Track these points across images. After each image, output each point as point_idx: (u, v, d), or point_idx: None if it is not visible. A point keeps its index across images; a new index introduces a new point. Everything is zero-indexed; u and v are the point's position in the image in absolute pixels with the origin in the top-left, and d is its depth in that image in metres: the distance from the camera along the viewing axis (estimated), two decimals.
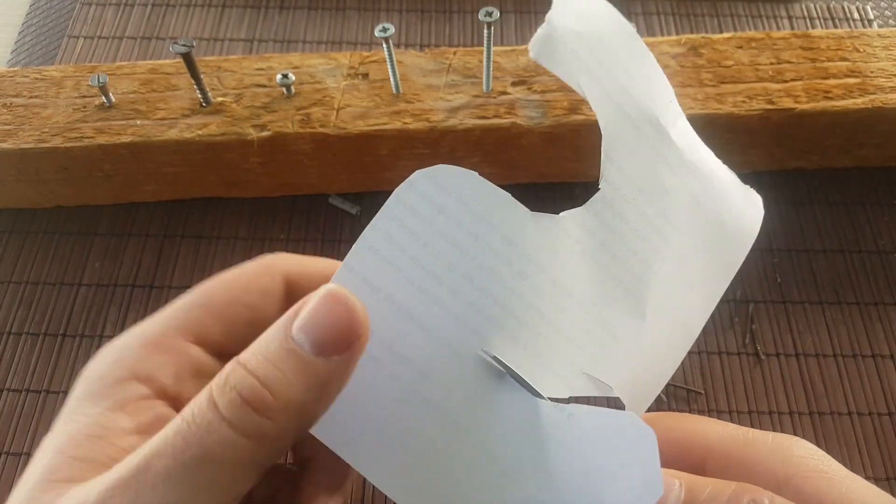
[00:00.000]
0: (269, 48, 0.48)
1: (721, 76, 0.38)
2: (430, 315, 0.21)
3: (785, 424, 0.35)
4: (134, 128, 0.36)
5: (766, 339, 0.37)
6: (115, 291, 0.38)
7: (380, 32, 0.34)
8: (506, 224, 0.21)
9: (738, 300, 0.38)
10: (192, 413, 0.18)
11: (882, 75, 0.38)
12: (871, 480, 0.33)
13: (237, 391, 0.18)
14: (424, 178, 0.20)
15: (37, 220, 0.41)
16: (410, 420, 0.21)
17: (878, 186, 0.42)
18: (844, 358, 0.37)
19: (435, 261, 0.21)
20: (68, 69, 0.39)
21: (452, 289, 0.21)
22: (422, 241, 0.21)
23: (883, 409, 0.35)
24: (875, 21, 0.49)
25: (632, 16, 0.49)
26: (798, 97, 0.37)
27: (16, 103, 0.37)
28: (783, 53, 0.39)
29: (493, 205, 0.21)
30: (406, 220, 0.20)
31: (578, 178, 0.41)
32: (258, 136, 0.36)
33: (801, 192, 0.42)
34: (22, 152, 0.36)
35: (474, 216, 0.21)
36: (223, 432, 0.17)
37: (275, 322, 0.19)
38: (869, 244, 0.40)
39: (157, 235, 0.40)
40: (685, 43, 0.39)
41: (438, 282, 0.21)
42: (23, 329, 0.37)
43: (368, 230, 0.20)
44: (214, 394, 0.18)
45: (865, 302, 0.38)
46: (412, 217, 0.20)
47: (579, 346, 0.22)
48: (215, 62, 0.39)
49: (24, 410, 0.35)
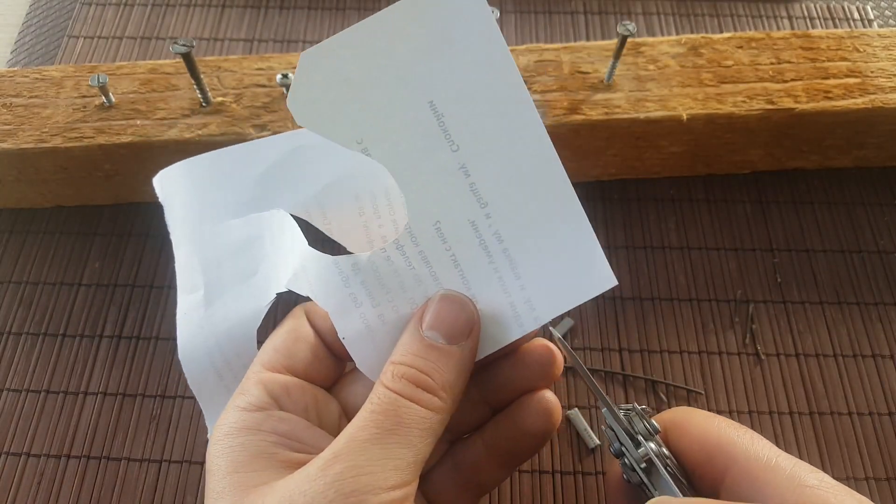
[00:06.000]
0: (269, 48, 0.48)
1: (721, 76, 0.38)
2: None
3: (785, 424, 0.35)
4: (134, 128, 0.36)
5: (766, 339, 0.37)
6: (115, 291, 0.38)
7: None
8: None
9: (739, 300, 0.38)
10: (375, 401, 0.23)
11: (882, 75, 0.38)
12: (871, 481, 0.33)
13: (406, 379, 0.23)
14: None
15: (37, 220, 0.41)
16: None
17: (878, 186, 0.42)
18: (845, 358, 0.37)
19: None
20: (68, 69, 0.39)
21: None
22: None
23: (883, 409, 0.35)
24: (875, 21, 0.49)
25: (632, 15, 0.49)
26: (798, 97, 0.37)
27: (16, 103, 0.37)
28: (783, 53, 0.39)
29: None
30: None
31: (578, 177, 0.41)
32: (258, 136, 0.36)
33: (801, 192, 0.42)
34: (22, 152, 0.36)
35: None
36: (408, 405, 0.23)
37: (406, 327, 0.25)
38: (869, 244, 0.40)
39: (157, 235, 0.40)
40: (685, 43, 0.39)
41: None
42: (23, 329, 0.37)
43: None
44: (388, 384, 0.23)
45: (865, 302, 0.38)
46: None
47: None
48: (215, 62, 0.39)
49: (24, 410, 0.35)
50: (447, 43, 0.23)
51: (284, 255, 0.27)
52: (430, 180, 0.25)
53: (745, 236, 0.40)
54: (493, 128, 0.24)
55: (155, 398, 0.35)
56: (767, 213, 0.41)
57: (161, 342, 0.37)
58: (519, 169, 0.24)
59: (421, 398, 0.23)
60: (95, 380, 0.36)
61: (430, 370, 0.23)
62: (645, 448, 0.23)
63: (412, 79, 0.24)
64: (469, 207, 0.25)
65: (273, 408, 0.24)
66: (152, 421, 0.35)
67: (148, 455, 0.34)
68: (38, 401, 0.35)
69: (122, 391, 0.35)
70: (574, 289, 0.25)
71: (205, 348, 0.27)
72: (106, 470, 0.33)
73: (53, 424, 0.35)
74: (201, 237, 0.28)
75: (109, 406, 0.35)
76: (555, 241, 0.25)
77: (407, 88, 0.24)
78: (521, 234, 0.25)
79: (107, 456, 0.34)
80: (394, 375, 0.23)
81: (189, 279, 0.28)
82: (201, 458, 0.34)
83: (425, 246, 0.25)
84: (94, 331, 0.37)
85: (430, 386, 0.23)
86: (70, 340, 0.37)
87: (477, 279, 0.25)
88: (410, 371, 0.23)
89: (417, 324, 0.25)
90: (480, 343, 0.25)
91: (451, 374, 0.24)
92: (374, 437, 0.22)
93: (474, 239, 0.25)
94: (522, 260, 0.25)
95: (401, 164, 0.25)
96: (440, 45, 0.23)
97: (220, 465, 0.23)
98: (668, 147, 0.39)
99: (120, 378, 0.36)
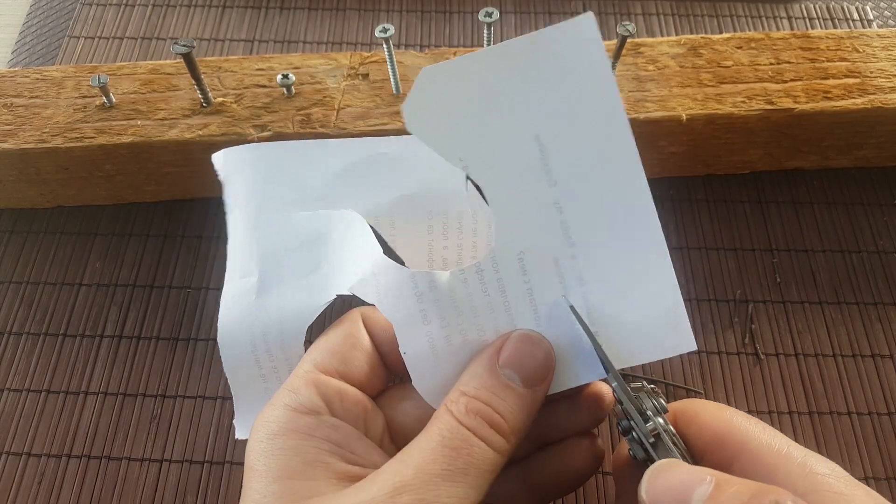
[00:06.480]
0: (270, 48, 0.48)
1: (721, 76, 0.38)
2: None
3: (784, 424, 0.35)
4: (134, 128, 0.36)
5: (765, 338, 0.37)
6: (115, 291, 0.38)
7: (380, 33, 0.34)
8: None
9: (738, 300, 0.38)
10: (447, 434, 0.22)
11: (881, 75, 0.38)
12: (871, 480, 0.33)
13: (480, 416, 0.23)
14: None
15: (37, 220, 0.41)
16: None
17: (878, 186, 0.42)
18: (844, 358, 0.37)
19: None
20: (69, 69, 0.39)
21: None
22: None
23: (882, 409, 0.35)
24: (874, 21, 0.49)
25: (632, 16, 0.49)
26: (797, 97, 0.37)
27: (16, 103, 0.37)
28: (783, 54, 0.39)
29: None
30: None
31: None
32: (258, 136, 0.36)
33: (800, 192, 0.42)
34: (23, 152, 0.36)
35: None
36: (480, 445, 0.22)
37: (478, 356, 0.24)
38: (868, 244, 0.40)
39: (157, 235, 0.40)
40: (685, 43, 0.39)
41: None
42: (23, 329, 0.37)
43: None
44: (461, 418, 0.22)
45: (865, 302, 0.38)
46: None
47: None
48: (216, 62, 0.39)
49: (24, 410, 0.35)
50: (562, 81, 0.24)
51: (353, 259, 0.27)
52: (523, 211, 0.25)
53: (744, 236, 0.40)
54: (593, 171, 0.24)
55: (155, 398, 0.35)
56: (767, 213, 0.41)
57: (161, 342, 0.37)
58: (614, 216, 0.24)
59: (493, 440, 0.22)
60: (96, 380, 0.36)
61: (504, 411, 0.23)
62: (653, 423, 0.23)
63: (523, 110, 0.24)
64: (556, 244, 0.25)
65: (325, 412, 0.24)
66: (152, 421, 0.35)
67: (148, 455, 0.34)
68: (39, 401, 0.35)
69: (122, 391, 0.36)
70: (650, 346, 0.25)
71: (249, 335, 0.27)
72: (106, 470, 0.33)
73: (54, 424, 0.35)
74: (263, 224, 0.28)
75: (110, 406, 0.35)
76: (638, 295, 0.25)
77: (517, 118, 0.24)
78: (604, 282, 0.25)
79: (107, 456, 0.34)
80: (467, 410, 0.23)
81: (242, 263, 0.28)
82: (201, 457, 0.34)
83: (505, 275, 0.25)
84: (94, 331, 0.37)
85: (503, 428, 0.23)
86: (71, 340, 0.37)
87: (550, 317, 0.25)
88: (485, 409, 0.23)
89: (494, 358, 0.24)
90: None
91: (521, 417, 0.23)
92: (446, 473, 0.21)
93: (555, 277, 0.25)
94: (600, 308, 0.25)
95: (498, 189, 0.25)
96: (555, 82, 0.24)
97: (269, 466, 0.22)
98: (668, 147, 0.39)
99: (120, 378, 0.36)
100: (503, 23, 0.48)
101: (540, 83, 0.24)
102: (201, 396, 0.35)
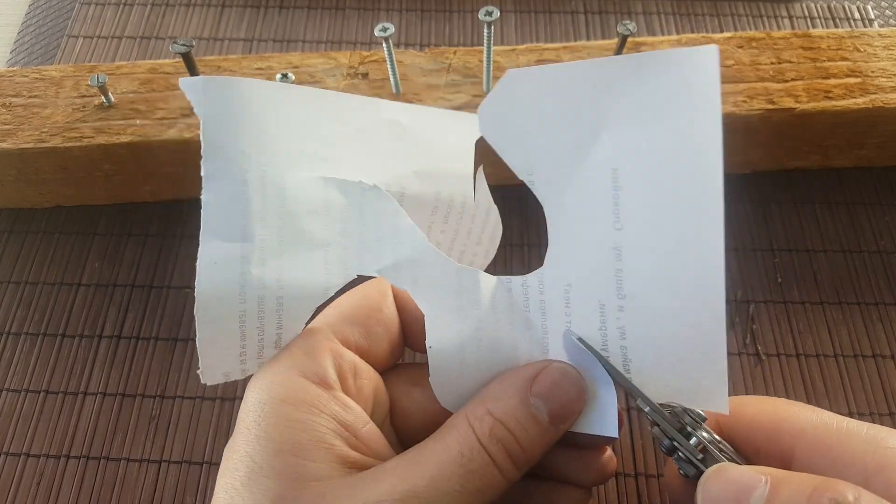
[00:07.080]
0: (269, 48, 0.48)
1: (722, 76, 0.38)
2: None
3: None
4: (133, 127, 0.36)
5: (766, 339, 0.37)
6: (114, 291, 0.38)
7: (380, 32, 0.34)
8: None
9: (739, 300, 0.38)
10: (467, 454, 0.22)
11: (883, 75, 0.38)
12: None
13: (502, 444, 0.22)
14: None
15: (36, 220, 0.41)
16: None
17: (879, 186, 0.42)
18: (845, 358, 0.36)
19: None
20: (68, 69, 0.39)
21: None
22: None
23: (884, 410, 0.35)
24: (876, 21, 0.49)
25: (632, 15, 0.49)
26: (799, 97, 0.37)
27: (15, 103, 0.37)
28: (784, 53, 0.39)
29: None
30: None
31: None
32: None
33: (801, 192, 0.42)
34: (21, 152, 0.36)
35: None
36: (495, 474, 0.22)
37: (510, 377, 0.23)
38: (870, 244, 0.40)
39: (157, 235, 0.40)
40: (685, 43, 0.39)
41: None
42: (22, 329, 0.37)
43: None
44: (484, 441, 0.22)
45: (866, 302, 0.38)
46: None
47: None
48: (215, 62, 0.39)
49: (22, 411, 0.35)
50: (660, 117, 0.21)
51: (384, 238, 0.24)
52: (580, 244, 0.22)
53: (745, 236, 0.40)
54: (667, 229, 0.21)
55: (154, 398, 0.35)
56: (768, 213, 0.41)
57: (161, 342, 0.37)
58: (676, 284, 0.21)
59: (508, 470, 0.22)
60: (95, 380, 0.36)
61: (525, 443, 0.22)
62: (696, 437, 0.22)
63: (607, 138, 0.21)
64: (606, 291, 0.22)
65: (337, 388, 0.22)
66: (152, 421, 0.35)
67: (147, 455, 0.34)
68: (38, 401, 0.35)
69: (121, 391, 0.35)
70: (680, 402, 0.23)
71: (238, 311, 0.23)
72: (105, 470, 0.33)
73: (53, 424, 0.35)
74: (260, 179, 0.24)
75: (109, 406, 0.35)
76: (680, 364, 0.22)
77: (598, 145, 0.21)
78: (647, 343, 0.22)
79: (106, 456, 0.34)
80: (491, 433, 0.22)
81: (228, 222, 0.23)
82: (201, 458, 0.34)
83: (549, 299, 0.23)
84: (93, 331, 0.37)
85: (519, 460, 0.22)
86: (69, 340, 0.37)
87: (583, 359, 0.23)
88: (508, 438, 0.22)
89: (527, 385, 0.23)
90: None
91: (538, 451, 0.23)
92: (458, 495, 0.21)
93: (597, 322, 0.23)
94: (636, 365, 0.23)
95: (560, 213, 0.23)
96: (651, 115, 0.21)
97: (271, 435, 0.21)
98: None
99: (119, 378, 0.36)
100: (503, 22, 0.48)
101: (633, 112, 0.21)
102: (200, 397, 0.35)
